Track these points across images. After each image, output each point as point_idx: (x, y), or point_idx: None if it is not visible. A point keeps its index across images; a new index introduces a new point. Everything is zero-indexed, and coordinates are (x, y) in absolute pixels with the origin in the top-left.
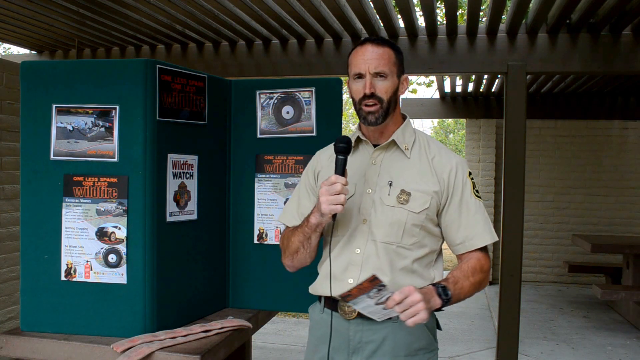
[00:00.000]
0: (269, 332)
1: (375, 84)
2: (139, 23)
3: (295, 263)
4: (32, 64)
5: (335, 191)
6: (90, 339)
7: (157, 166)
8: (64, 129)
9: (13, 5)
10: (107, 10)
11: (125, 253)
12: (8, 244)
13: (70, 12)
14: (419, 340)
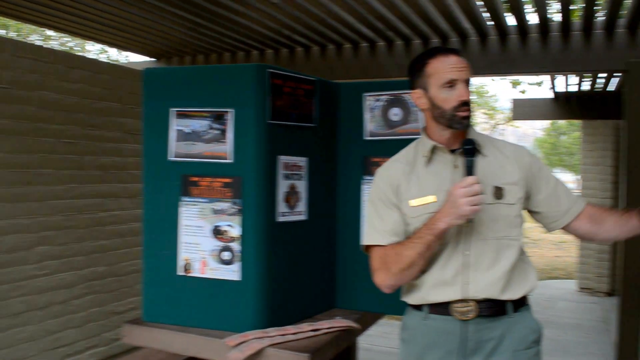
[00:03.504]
0: (375, 334)
1: (467, 92)
2: (248, 29)
3: (403, 280)
4: (153, 71)
5: (474, 192)
6: (205, 332)
7: (268, 167)
8: (182, 132)
9: (134, 16)
10: (219, 17)
11: (239, 251)
12: (129, 239)
13: (186, 20)
14: (534, 333)
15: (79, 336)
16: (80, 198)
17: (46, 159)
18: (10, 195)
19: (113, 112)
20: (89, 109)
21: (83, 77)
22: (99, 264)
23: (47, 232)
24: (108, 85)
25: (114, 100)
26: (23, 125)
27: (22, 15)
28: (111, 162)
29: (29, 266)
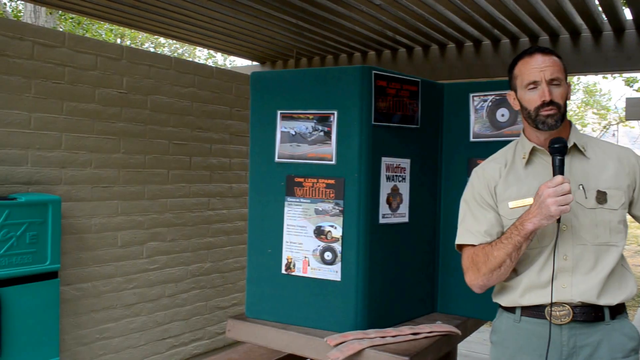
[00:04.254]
0: (475, 340)
1: (552, 91)
2: (351, 31)
3: (492, 281)
4: (260, 75)
5: (563, 191)
6: (306, 330)
7: (371, 169)
8: (287, 134)
9: (240, 22)
10: (322, 20)
11: (340, 251)
12: (234, 237)
13: (290, 24)
14: (632, 341)
15: (185, 328)
16: (189, 197)
17: (159, 160)
18: (127, 194)
19: (220, 114)
20: (199, 112)
21: (193, 81)
22: (205, 260)
23: (158, 229)
24: (216, 89)
25: (221, 104)
26: (139, 128)
27: (137, 24)
28: (218, 162)
29: (141, 260)
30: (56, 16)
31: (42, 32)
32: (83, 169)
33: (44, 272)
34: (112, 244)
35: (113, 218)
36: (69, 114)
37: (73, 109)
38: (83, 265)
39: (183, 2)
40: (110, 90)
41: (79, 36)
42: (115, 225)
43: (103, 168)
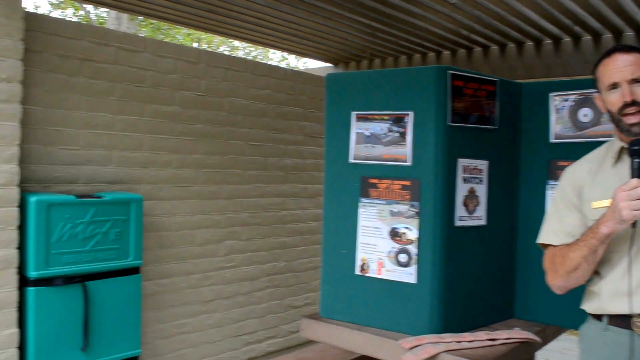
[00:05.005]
0: (554, 349)
1: (635, 91)
2: (425, 31)
3: (570, 282)
4: (335, 76)
5: (637, 195)
6: (380, 332)
7: (447, 170)
8: (362, 135)
9: (313, 24)
10: (396, 21)
11: (415, 254)
12: (308, 237)
13: (363, 25)
14: None
15: (260, 326)
16: (264, 197)
17: (235, 160)
18: (205, 193)
19: (295, 116)
20: (274, 113)
21: (269, 83)
22: (279, 260)
23: (234, 228)
24: (291, 91)
25: (296, 105)
26: (216, 129)
27: (213, 28)
28: (292, 163)
29: (218, 258)
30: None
31: (125, 38)
32: (164, 169)
33: (126, 267)
34: (190, 242)
35: (192, 217)
36: (150, 116)
37: (154, 111)
38: (163, 262)
39: (258, 6)
40: (189, 93)
41: (160, 41)
42: (193, 223)
43: (182, 168)
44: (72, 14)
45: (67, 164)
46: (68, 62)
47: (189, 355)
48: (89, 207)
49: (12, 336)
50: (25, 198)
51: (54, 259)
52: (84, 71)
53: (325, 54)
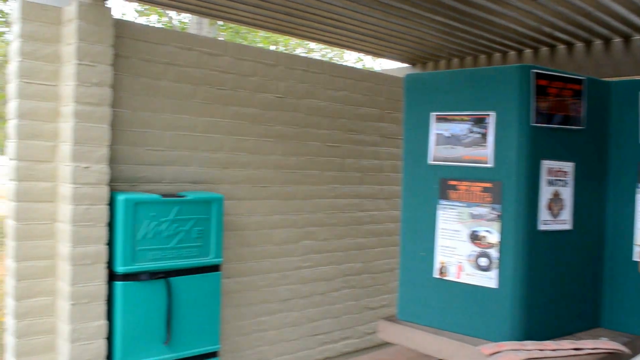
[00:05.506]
0: None
1: None
2: (506, 29)
3: None
4: (415, 77)
5: None
6: (459, 337)
7: (530, 172)
8: (441, 136)
9: (390, 24)
10: (474, 19)
11: (496, 258)
12: (384, 239)
13: (441, 24)
14: None
15: (335, 326)
16: (341, 198)
17: (313, 161)
18: (282, 193)
19: (372, 117)
20: (351, 114)
21: (346, 85)
22: (355, 261)
23: (311, 228)
24: (368, 92)
25: (373, 106)
26: (294, 131)
27: (290, 30)
28: (369, 164)
29: (295, 258)
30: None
31: (207, 42)
32: (243, 169)
33: (207, 265)
34: (268, 241)
35: (270, 216)
36: (231, 117)
37: (235, 113)
38: (242, 260)
39: (335, 7)
40: (268, 95)
41: (240, 45)
42: (271, 223)
43: (261, 169)
44: (157, 21)
45: (153, 164)
46: (154, 67)
47: (266, 353)
48: (172, 206)
49: (100, 327)
50: (114, 197)
51: (139, 255)
52: (169, 75)
53: (402, 54)
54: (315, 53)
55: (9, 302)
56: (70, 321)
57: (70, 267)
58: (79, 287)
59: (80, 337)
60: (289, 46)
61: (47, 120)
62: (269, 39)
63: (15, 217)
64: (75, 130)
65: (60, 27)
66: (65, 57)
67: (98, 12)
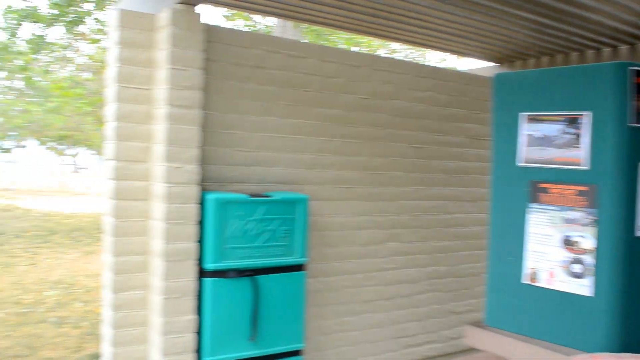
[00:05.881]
0: None
1: None
2: (600, 24)
3: None
4: (504, 76)
5: None
6: (549, 346)
7: (628, 175)
8: (532, 137)
9: (476, 22)
10: (566, 15)
11: (591, 264)
12: (470, 242)
13: (530, 21)
14: None
15: (419, 330)
16: (426, 199)
17: (397, 163)
18: (367, 194)
19: (458, 118)
20: (436, 115)
21: (431, 85)
22: (440, 264)
23: (396, 230)
24: (454, 92)
25: (459, 107)
26: (378, 132)
27: (373, 31)
28: (455, 166)
29: (379, 259)
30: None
31: (293, 45)
32: (328, 170)
33: (292, 264)
34: (353, 242)
35: (354, 217)
36: (316, 119)
37: (320, 114)
38: (327, 260)
39: (419, 7)
40: (352, 96)
41: (325, 47)
42: (356, 224)
43: (346, 170)
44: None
45: (240, 164)
46: (241, 70)
47: (349, 353)
48: (259, 206)
49: (190, 322)
50: (204, 196)
51: (228, 253)
52: (256, 78)
53: (489, 53)
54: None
55: (106, 294)
56: (163, 314)
57: (163, 262)
58: (171, 282)
59: (172, 330)
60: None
61: (142, 122)
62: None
63: (113, 215)
64: (168, 132)
65: (155, 33)
66: (159, 62)
67: (189, 19)
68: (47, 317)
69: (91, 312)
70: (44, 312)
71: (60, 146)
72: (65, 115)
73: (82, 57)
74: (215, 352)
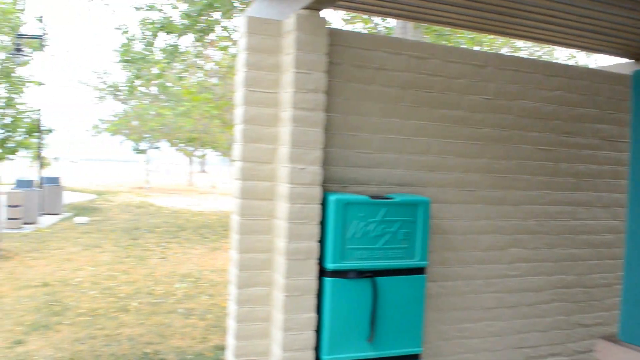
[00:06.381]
0: None
1: None
2: None
3: None
4: None
5: None
6: None
7: None
8: None
9: (611, 16)
10: None
11: None
12: (601, 251)
13: None
14: None
15: (543, 341)
16: (552, 204)
17: (523, 165)
18: (490, 198)
19: (590, 118)
20: (565, 116)
21: (561, 84)
22: (567, 273)
23: (520, 236)
24: (586, 91)
25: (591, 106)
26: (503, 133)
27: (497, 29)
28: (586, 169)
29: (501, 265)
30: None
31: (416, 46)
32: (450, 173)
33: (412, 267)
34: (474, 247)
35: (476, 221)
36: (438, 120)
37: (442, 116)
38: (447, 265)
39: (547, 2)
40: (476, 97)
41: (448, 47)
42: (478, 228)
43: (468, 172)
44: (362, 28)
45: (361, 166)
46: (364, 72)
47: None
48: (380, 207)
49: (310, 319)
50: (326, 196)
51: (348, 254)
52: (378, 79)
53: (625, 49)
54: (522, 52)
55: (232, 289)
56: (284, 311)
57: (285, 261)
58: (292, 280)
59: (292, 327)
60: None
61: (268, 125)
62: (474, 39)
63: (240, 213)
64: (292, 134)
65: (280, 38)
66: (284, 66)
67: (314, 23)
68: (176, 308)
69: (216, 305)
70: (173, 303)
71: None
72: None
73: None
74: (333, 350)
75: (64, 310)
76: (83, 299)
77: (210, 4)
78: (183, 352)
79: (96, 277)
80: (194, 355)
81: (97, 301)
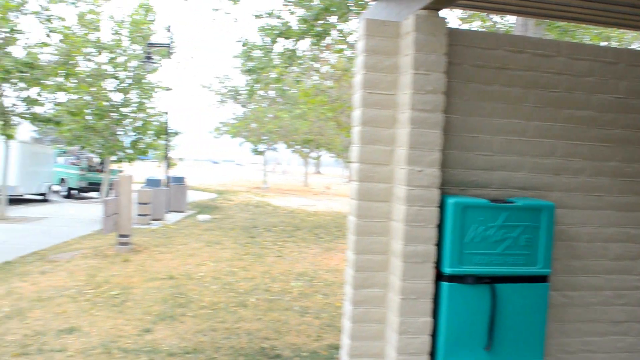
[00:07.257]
0: None
1: None
2: None
3: None
4: None
5: None
6: None
7: None
8: None
9: None
10: None
11: None
12: None
13: None
14: None
15: None
16: None
17: None
18: (620, 204)
19: None
20: None
21: None
22: None
23: None
24: None
25: None
26: (636, 135)
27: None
28: None
29: (633, 276)
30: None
31: (539, 44)
32: (576, 176)
33: (534, 275)
34: (602, 255)
35: (605, 228)
36: (564, 121)
37: (568, 116)
38: (572, 274)
39: None
40: (606, 96)
41: (575, 44)
42: (606, 236)
43: (597, 176)
44: (480, 26)
45: (482, 169)
46: (484, 72)
47: None
48: (501, 212)
49: (426, 324)
50: (444, 199)
51: (466, 258)
52: (499, 79)
53: None
54: None
55: (348, 290)
56: (400, 314)
57: (402, 263)
58: (409, 283)
59: (408, 330)
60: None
61: (385, 126)
62: (601, 35)
63: (357, 214)
64: (410, 136)
65: (398, 40)
66: (403, 67)
67: (433, 23)
68: (292, 306)
69: (331, 304)
70: (289, 300)
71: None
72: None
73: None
74: (449, 356)
75: (188, 303)
76: (205, 292)
77: (327, 8)
78: (298, 348)
79: (217, 272)
80: (309, 353)
81: (218, 295)
